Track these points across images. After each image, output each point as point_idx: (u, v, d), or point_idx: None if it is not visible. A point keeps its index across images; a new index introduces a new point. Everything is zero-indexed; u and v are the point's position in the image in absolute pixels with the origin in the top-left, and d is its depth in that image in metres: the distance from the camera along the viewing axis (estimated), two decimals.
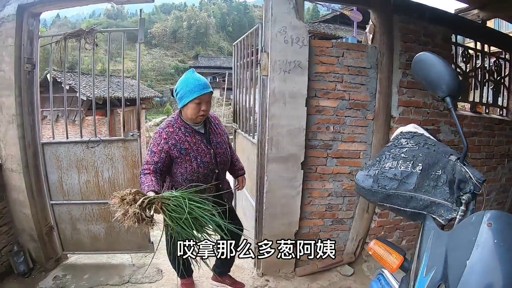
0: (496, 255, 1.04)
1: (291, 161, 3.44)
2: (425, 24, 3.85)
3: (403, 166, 1.41)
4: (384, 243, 1.53)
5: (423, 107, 3.87)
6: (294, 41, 3.26)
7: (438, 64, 1.41)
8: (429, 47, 3.80)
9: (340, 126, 3.59)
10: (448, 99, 1.40)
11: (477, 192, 1.31)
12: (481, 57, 4.71)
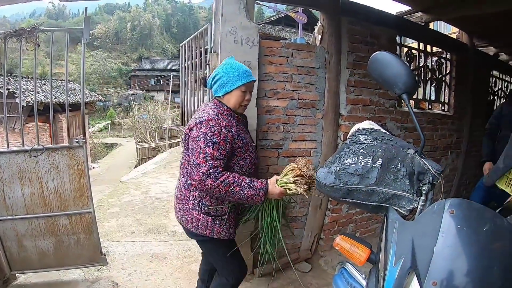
0: (461, 240, 1.12)
1: None
2: (371, 25, 3.95)
3: (363, 162, 1.44)
4: (350, 237, 1.55)
5: (370, 104, 3.98)
6: (244, 41, 3.22)
7: (394, 63, 1.46)
8: (374, 47, 3.91)
9: (290, 125, 3.59)
10: (404, 95, 1.45)
11: (435, 182, 1.38)
12: (424, 56, 4.93)
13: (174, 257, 4.27)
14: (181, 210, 2.38)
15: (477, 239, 1.13)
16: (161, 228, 5.33)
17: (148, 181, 9.24)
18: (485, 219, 1.16)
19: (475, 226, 1.15)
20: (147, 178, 9.77)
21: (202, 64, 3.93)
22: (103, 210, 6.24)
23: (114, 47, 71.81)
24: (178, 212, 2.42)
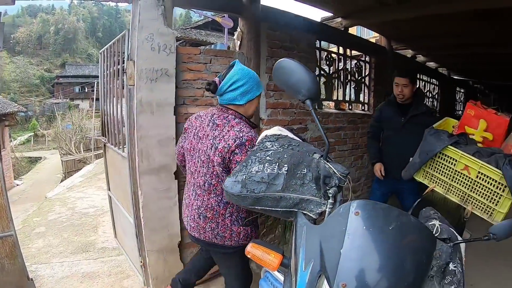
0: (368, 240, 1.16)
1: (163, 172, 3.32)
2: (291, 31, 4.04)
3: (269, 169, 1.45)
4: (261, 244, 1.54)
5: (290, 108, 4.07)
6: (161, 48, 3.15)
7: (298, 70, 1.49)
8: (294, 52, 4.01)
9: None
10: (308, 101, 1.48)
11: (342, 184, 1.41)
12: (343, 60, 5.10)
13: (105, 275, 4.08)
14: (215, 229, 2.30)
15: (383, 238, 1.17)
16: (90, 245, 5.08)
17: (74, 196, 8.80)
18: (391, 218, 1.21)
19: (380, 226, 1.19)
20: (73, 193, 9.30)
21: (121, 72, 3.80)
22: (29, 231, 5.85)
23: (37, 52, 67.82)
24: (209, 232, 2.32)
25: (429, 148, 2.63)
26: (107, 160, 4.74)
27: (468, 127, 2.81)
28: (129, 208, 3.66)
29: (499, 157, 2.40)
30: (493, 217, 2.50)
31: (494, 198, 2.46)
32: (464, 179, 2.56)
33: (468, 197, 2.60)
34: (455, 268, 1.43)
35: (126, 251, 4.25)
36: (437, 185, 2.74)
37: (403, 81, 3.65)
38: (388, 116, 3.86)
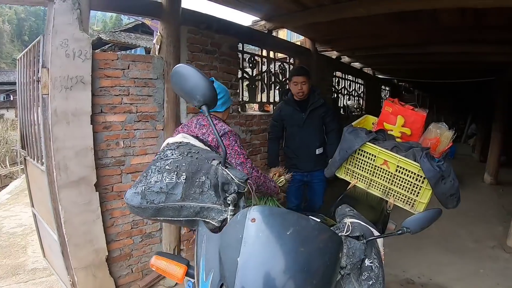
0: (263, 247, 1.13)
1: (83, 185, 3.16)
2: (213, 34, 4.03)
3: (168, 178, 1.40)
4: (165, 256, 1.52)
5: None
6: (77, 54, 2.99)
7: (193, 76, 1.45)
8: (216, 55, 4.00)
9: (130, 140, 3.48)
10: (204, 107, 1.45)
11: (241, 190, 1.41)
12: (267, 62, 5.14)
13: None
14: None
15: (281, 244, 1.14)
16: (20, 268, 4.74)
17: (1, 215, 8.26)
18: (288, 223, 1.19)
19: (277, 232, 1.16)
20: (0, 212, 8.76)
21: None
22: None
23: None
24: None
25: (348, 146, 2.68)
26: (28, 175, 4.43)
27: (386, 123, 2.91)
28: (52, 225, 3.46)
29: (416, 150, 2.50)
30: (415, 208, 2.61)
31: (414, 190, 2.57)
32: (384, 173, 2.64)
33: (389, 190, 2.69)
34: (371, 264, 1.45)
35: (56, 271, 4.03)
36: (359, 180, 2.81)
37: (301, 79, 3.92)
38: (289, 114, 4.10)
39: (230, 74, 4.33)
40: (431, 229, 5.51)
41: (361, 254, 1.42)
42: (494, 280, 4.26)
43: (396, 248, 4.78)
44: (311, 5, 4.47)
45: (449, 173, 2.50)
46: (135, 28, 20.95)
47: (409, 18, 4.90)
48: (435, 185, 2.43)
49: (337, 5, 4.32)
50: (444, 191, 2.49)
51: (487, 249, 5.22)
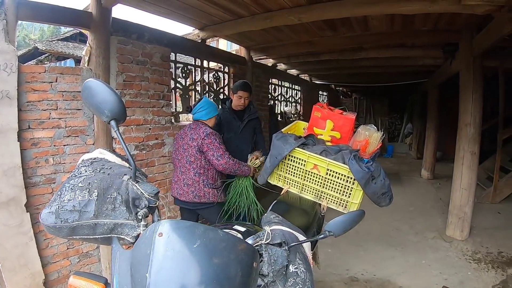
0: (171, 262, 1.12)
1: (12, 206, 2.99)
2: (144, 44, 3.96)
3: (80, 196, 1.36)
4: (82, 275, 1.45)
5: (144, 123, 4.00)
6: (2, 68, 2.84)
7: (102, 90, 1.43)
8: (147, 66, 3.92)
9: (60, 156, 3.34)
10: (113, 122, 1.43)
11: (153, 205, 1.40)
12: (200, 71, 5.11)
13: None
14: (194, 192, 3.68)
15: (189, 258, 1.13)
16: None
17: None
18: (196, 236, 1.18)
19: (184, 245, 1.15)
20: None
21: None
22: None
23: None
24: (190, 194, 3.69)
25: (278, 152, 2.70)
26: None
27: (316, 128, 2.96)
28: None
29: (345, 153, 2.55)
30: (348, 208, 2.66)
31: (346, 191, 2.62)
32: (316, 177, 2.68)
33: (322, 194, 2.73)
34: (296, 269, 1.46)
35: None
36: (291, 186, 2.83)
37: (246, 94, 4.24)
38: (228, 121, 4.34)
39: (162, 84, 4.26)
40: (373, 226, 5.72)
41: (284, 261, 1.43)
42: (436, 269, 4.46)
43: (338, 247, 4.90)
44: (244, 14, 4.51)
45: (379, 172, 2.58)
46: (73, 37, 20.01)
47: (341, 25, 5.09)
48: (365, 186, 2.48)
49: (268, 14, 4.38)
50: (375, 190, 2.55)
51: (428, 240, 5.46)
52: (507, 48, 5.73)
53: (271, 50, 6.66)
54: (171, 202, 4.07)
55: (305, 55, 7.40)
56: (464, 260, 4.75)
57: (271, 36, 5.60)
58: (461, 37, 5.41)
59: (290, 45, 6.28)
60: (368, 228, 5.73)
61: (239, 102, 4.28)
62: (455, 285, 4.06)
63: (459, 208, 5.45)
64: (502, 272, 4.42)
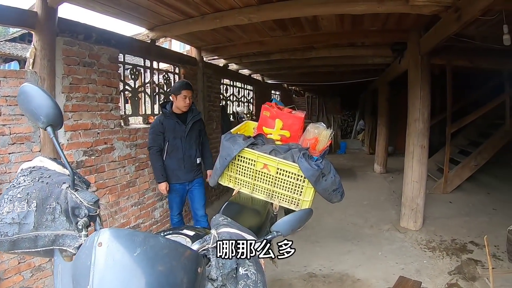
0: (112, 273, 1.07)
1: None
2: (92, 45, 3.82)
3: (19, 208, 1.30)
4: None
5: (92, 128, 3.84)
6: None
7: (37, 95, 1.36)
8: (94, 68, 3.79)
9: (5, 165, 3.15)
10: (49, 129, 1.37)
11: (93, 213, 1.34)
12: (150, 73, 5.01)
13: None
14: None
15: (129, 267, 1.09)
16: None
17: None
18: (135, 244, 1.13)
19: (124, 254, 1.11)
20: None
21: None
22: None
23: None
24: None
25: (227, 153, 2.69)
26: None
27: (265, 127, 2.98)
28: None
29: (294, 151, 2.58)
30: (300, 206, 2.68)
31: (297, 190, 2.65)
32: (266, 176, 2.69)
33: (273, 193, 2.74)
34: (246, 272, 1.44)
35: None
36: (242, 186, 2.83)
37: (190, 93, 4.16)
38: (172, 127, 4.22)
39: (110, 87, 4.11)
40: (328, 222, 5.82)
41: (233, 264, 1.41)
42: (392, 260, 4.59)
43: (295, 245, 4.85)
44: (194, 14, 4.46)
45: (329, 169, 2.62)
46: (22, 37, 19.12)
47: (291, 25, 5.14)
48: (315, 183, 2.52)
49: (218, 14, 4.36)
50: (326, 187, 2.60)
51: (383, 232, 5.62)
52: (454, 46, 5.98)
53: (222, 50, 6.64)
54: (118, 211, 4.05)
55: (257, 55, 7.44)
56: (419, 249, 4.91)
57: (222, 36, 5.60)
58: (410, 36, 5.60)
59: (240, 45, 6.29)
60: (323, 224, 5.86)
61: (184, 103, 4.17)
62: (412, 274, 4.17)
63: (412, 200, 5.64)
64: (456, 258, 4.61)
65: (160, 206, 5.03)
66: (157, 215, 4.96)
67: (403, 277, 3.84)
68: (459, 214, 6.44)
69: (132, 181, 4.44)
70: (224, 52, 6.83)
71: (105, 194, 3.97)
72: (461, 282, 4.02)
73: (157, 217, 4.96)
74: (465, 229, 5.64)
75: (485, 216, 6.26)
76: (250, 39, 5.88)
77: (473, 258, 4.61)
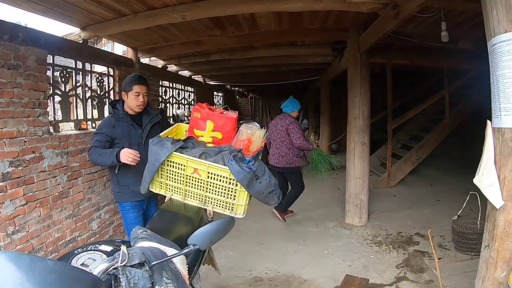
0: None
1: None
2: (18, 46, 3.51)
3: None
4: None
5: (18, 136, 3.51)
6: None
7: None
8: (20, 70, 3.49)
9: None
10: None
11: None
12: (82, 75, 4.73)
13: None
14: (285, 161, 5.86)
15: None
16: None
17: None
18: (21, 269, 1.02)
19: (7, 281, 0.99)
20: None
21: None
22: None
23: None
24: (281, 162, 5.89)
25: (155, 158, 2.55)
26: None
27: (197, 130, 2.85)
28: None
29: (225, 154, 2.47)
30: (235, 211, 2.59)
31: (230, 194, 2.54)
32: (198, 181, 2.56)
33: (206, 198, 2.62)
34: None
35: None
36: (174, 193, 2.70)
37: (144, 89, 3.48)
38: (126, 132, 3.55)
39: (37, 91, 3.79)
40: (273, 223, 5.85)
41: (147, 283, 1.31)
42: (339, 257, 4.61)
43: (239, 249, 4.90)
44: (126, 12, 4.27)
45: (263, 171, 2.54)
46: None
47: (229, 24, 5.07)
48: (248, 186, 2.43)
49: (151, 12, 4.20)
50: (260, 190, 2.51)
51: (329, 230, 5.67)
52: (394, 45, 6.15)
53: (159, 51, 6.43)
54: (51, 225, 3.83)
55: (196, 55, 7.32)
56: (365, 245, 4.98)
57: (158, 36, 5.44)
58: (349, 35, 5.69)
59: (178, 45, 6.13)
60: (268, 225, 5.87)
61: (137, 101, 3.46)
62: (359, 270, 4.23)
63: (355, 196, 5.75)
64: (403, 251, 4.71)
65: (97, 217, 4.71)
66: (95, 227, 4.65)
67: (350, 275, 3.85)
68: (403, 207, 6.65)
69: (65, 191, 4.11)
70: (161, 53, 6.63)
71: (35, 207, 3.65)
72: (409, 275, 4.09)
73: (95, 229, 4.66)
74: (410, 221, 5.82)
75: (429, 208, 6.53)
76: (187, 38, 5.75)
77: (420, 249, 4.73)
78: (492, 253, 2.23)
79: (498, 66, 2.08)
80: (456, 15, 4.49)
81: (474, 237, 4.38)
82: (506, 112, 2.06)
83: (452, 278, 3.85)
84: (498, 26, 2.08)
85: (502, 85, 2.07)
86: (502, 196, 2.12)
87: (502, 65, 2.05)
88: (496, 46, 2.09)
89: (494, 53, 2.12)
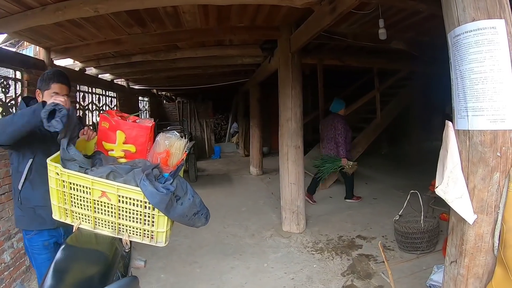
0: None
1: None
2: None
3: None
4: None
5: None
6: None
7: None
8: None
9: None
10: None
11: None
12: None
13: None
14: (335, 151, 6.89)
15: None
16: None
17: None
18: None
19: None
20: None
21: None
22: None
23: None
24: (332, 152, 6.96)
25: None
26: None
27: (106, 142, 2.34)
28: None
29: (137, 172, 2.03)
30: (156, 240, 2.17)
31: (147, 220, 2.11)
32: (108, 207, 2.09)
33: (120, 226, 2.17)
34: None
35: None
36: (82, 221, 2.20)
37: (65, 89, 2.65)
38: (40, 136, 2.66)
39: None
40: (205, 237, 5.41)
41: None
42: (280, 270, 4.29)
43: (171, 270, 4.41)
44: (33, 5, 3.72)
45: (185, 190, 2.14)
46: None
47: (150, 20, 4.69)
48: (167, 210, 2.01)
49: (61, 4, 3.68)
50: (183, 212, 2.10)
51: (266, 240, 5.33)
52: (325, 46, 6.10)
53: (74, 51, 5.79)
54: None
55: (116, 56, 6.77)
56: (306, 253, 4.73)
57: (72, 33, 4.87)
58: (280, 34, 5.51)
59: (95, 45, 5.57)
60: (200, 240, 5.36)
61: None
62: (304, 283, 3.96)
63: (291, 203, 5.54)
64: (347, 256, 4.54)
65: (9, 247, 3.95)
66: (8, 258, 3.90)
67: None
68: (341, 208, 6.60)
69: None
70: (77, 53, 5.99)
71: None
72: (357, 282, 3.90)
73: (8, 261, 3.91)
74: (350, 224, 5.73)
75: (368, 207, 6.55)
76: (105, 37, 5.24)
77: (364, 253, 4.59)
78: (462, 270, 2.03)
79: (464, 60, 1.87)
80: (391, 14, 4.48)
81: (418, 236, 4.39)
82: (475, 112, 1.84)
83: (403, 281, 3.74)
84: (464, 14, 1.87)
85: (469, 81, 1.85)
86: (473, 208, 1.90)
87: (469, 58, 1.84)
88: (461, 37, 1.88)
89: (457, 45, 1.91)
